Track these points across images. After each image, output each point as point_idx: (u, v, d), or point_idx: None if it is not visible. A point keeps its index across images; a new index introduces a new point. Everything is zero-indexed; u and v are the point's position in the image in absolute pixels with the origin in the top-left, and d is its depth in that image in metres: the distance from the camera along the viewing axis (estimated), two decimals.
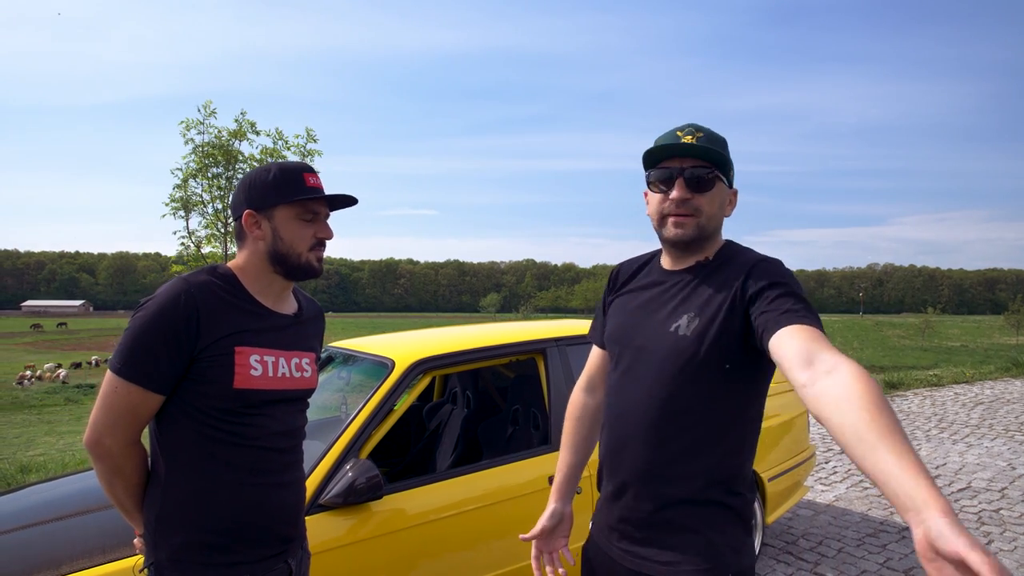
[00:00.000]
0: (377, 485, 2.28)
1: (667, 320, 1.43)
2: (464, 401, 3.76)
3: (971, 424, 6.99)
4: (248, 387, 1.48)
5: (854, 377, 1.01)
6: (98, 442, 1.43)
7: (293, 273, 1.57)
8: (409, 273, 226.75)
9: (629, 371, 1.48)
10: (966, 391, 9.03)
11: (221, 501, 1.48)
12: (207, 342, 1.44)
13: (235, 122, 8.48)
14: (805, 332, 1.17)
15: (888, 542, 3.97)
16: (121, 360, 1.41)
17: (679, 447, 1.38)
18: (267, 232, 1.54)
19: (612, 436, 1.50)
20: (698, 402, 1.37)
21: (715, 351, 1.35)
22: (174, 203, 8.46)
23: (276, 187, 1.52)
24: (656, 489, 1.41)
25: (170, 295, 1.43)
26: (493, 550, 2.59)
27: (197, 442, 1.46)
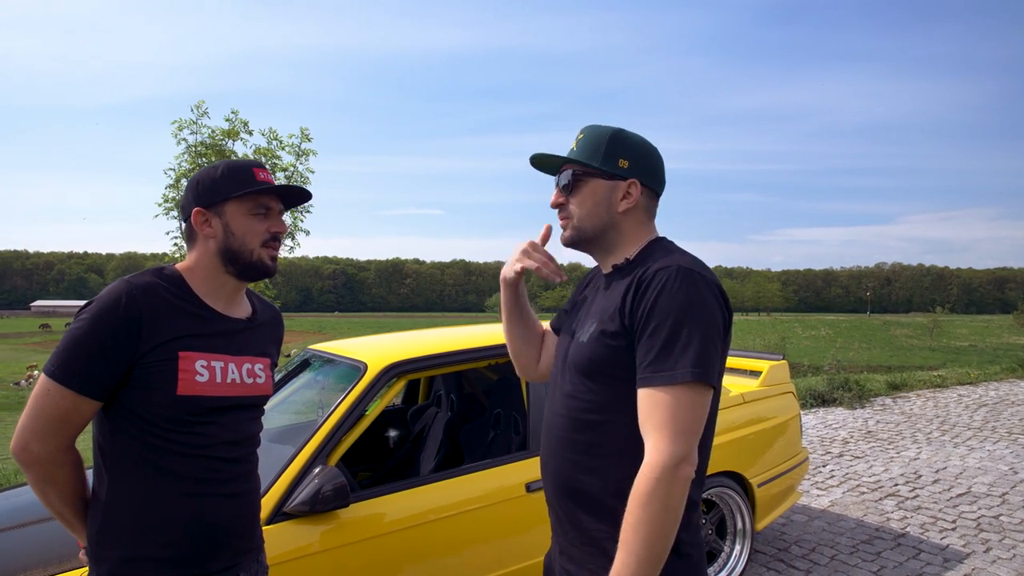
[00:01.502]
0: (343, 492, 2.21)
1: (579, 327, 1.40)
2: (448, 404, 3.70)
3: (973, 427, 6.87)
4: (193, 394, 1.41)
5: (636, 494, 1.15)
6: (24, 448, 1.36)
7: (246, 272, 1.52)
8: (415, 273, 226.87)
9: (552, 381, 1.47)
10: (970, 392, 8.90)
11: (166, 514, 1.41)
12: (149, 346, 1.37)
13: (227, 121, 8.43)
14: (645, 401, 1.19)
15: (883, 549, 3.87)
16: (56, 363, 1.35)
17: (588, 461, 1.32)
18: (218, 229, 1.48)
19: (543, 444, 1.47)
20: (604, 412, 1.30)
21: (610, 360, 1.28)
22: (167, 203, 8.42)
23: (225, 182, 1.48)
24: (567, 499, 1.36)
25: (111, 297, 1.37)
26: (467, 558, 2.52)
27: (140, 451, 1.40)
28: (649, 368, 1.20)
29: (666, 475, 1.14)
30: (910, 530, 4.17)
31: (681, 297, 1.20)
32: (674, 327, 1.19)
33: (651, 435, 1.18)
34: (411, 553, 2.38)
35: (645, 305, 1.22)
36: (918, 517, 4.39)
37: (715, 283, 1.26)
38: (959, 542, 3.96)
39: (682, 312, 1.19)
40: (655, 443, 1.16)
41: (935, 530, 4.16)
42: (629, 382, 1.26)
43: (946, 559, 3.73)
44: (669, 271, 1.23)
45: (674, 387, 1.17)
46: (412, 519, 2.40)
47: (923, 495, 4.82)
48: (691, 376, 1.16)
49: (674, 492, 1.14)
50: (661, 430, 1.16)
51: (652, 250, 1.36)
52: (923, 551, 3.84)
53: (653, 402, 1.18)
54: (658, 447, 1.16)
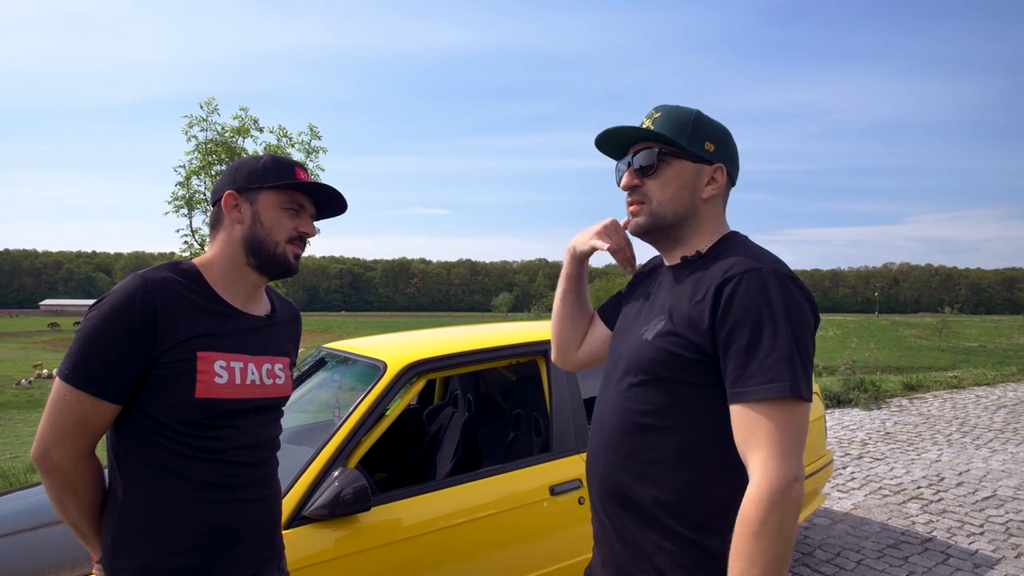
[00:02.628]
0: (365, 496, 2.13)
1: (641, 323, 1.29)
2: (465, 404, 3.62)
3: (994, 428, 6.75)
4: (212, 396, 1.34)
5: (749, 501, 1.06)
6: (45, 456, 1.29)
7: (267, 265, 1.44)
8: (421, 272, 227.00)
9: (606, 378, 1.36)
10: (988, 393, 8.77)
11: (183, 521, 1.34)
12: (166, 346, 1.30)
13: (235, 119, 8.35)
14: (746, 418, 1.09)
15: (910, 554, 3.78)
16: (70, 366, 1.27)
17: (644, 467, 1.22)
18: (246, 215, 1.42)
19: (590, 446, 1.37)
20: (665, 417, 1.20)
21: (677, 360, 1.18)
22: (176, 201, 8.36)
23: (265, 172, 1.43)
24: (620, 510, 1.26)
25: (125, 294, 1.29)
26: (491, 564, 2.44)
27: (156, 456, 1.32)
28: (749, 381, 1.09)
29: (780, 499, 1.03)
30: (937, 534, 4.07)
31: (779, 304, 1.10)
32: (774, 337, 1.09)
33: (756, 454, 1.07)
34: (434, 558, 2.30)
35: (736, 310, 1.11)
36: (944, 521, 4.28)
37: (806, 287, 1.17)
38: (988, 547, 3.86)
39: (782, 321, 1.09)
40: (763, 464, 1.06)
41: (962, 534, 4.06)
42: (694, 387, 1.17)
43: (976, 564, 3.63)
44: (763, 274, 1.12)
45: (778, 402, 1.07)
46: (434, 523, 2.32)
47: (947, 498, 4.71)
48: (799, 391, 1.07)
49: (788, 516, 1.04)
50: (768, 449, 1.06)
51: (728, 244, 1.26)
52: (952, 556, 3.75)
53: (756, 418, 1.08)
54: (767, 468, 1.05)
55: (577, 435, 2.72)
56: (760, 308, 1.10)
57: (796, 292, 1.14)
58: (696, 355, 1.16)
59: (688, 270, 1.26)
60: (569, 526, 2.58)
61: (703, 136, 1.26)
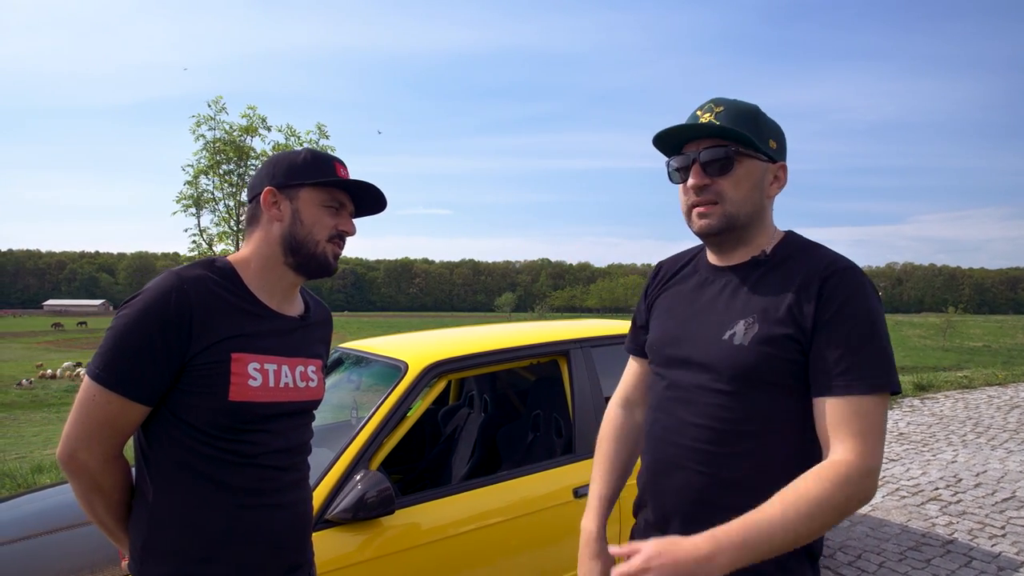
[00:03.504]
0: (389, 499, 2.09)
1: (720, 326, 1.23)
2: (481, 405, 3.58)
3: (1009, 429, 6.68)
4: (245, 400, 1.29)
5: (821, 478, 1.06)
6: (72, 456, 1.25)
7: (306, 265, 1.40)
8: (424, 272, 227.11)
9: (675, 386, 1.28)
10: (1000, 393, 8.69)
11: (215, 527, 1.30)
12: (200, 347, 1.26)
13: (243, 117, 8.34)
14: (839, 408, 1.10)
15: (932, 556, 3.72)
16: (101, 365, 1.23)
17: (735, 475, 1.17)
18: (286, 213, 1.38)
19: (656, 458, 1.30)
20: (758, 423, 1.16)
21: (778, 364, 1.15)
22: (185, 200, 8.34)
23: (306, 168, 1.38)
24: (702, 523, 1.16)
25: (159, 291, 1.24)
26: (514, 569, 2.39)
27: (187, 460, 1.28)
28: (847, 375, 1.10)
29: (854, 478, 1.06)
30: (958, 536, 4.01)
31: (872, 301, 1.15)
32: (871, 333, 1.12)
33: (847, 440, 1.08)
34: (459, 562, 2.26)
35: (833, 305, 1.13)
36: (964, 523, 4.23)
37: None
38: (1011, 549, 3.81)
39: (875, 317, 1.13)
40: (853, 446, 1.08)
41: (984, 536, 4.00)
42: (784, 389, 1.16)
43: (1000, 567, 3.57)
44: (855, 274, 1.16)
45: (875, 396, 1.10)
46: (458, 526, 2.28)
47: (966, 499, 4.66)
48: (893, 386, 1.11)
49: (853, 498, 1.06)
50: (861, 437, 1.08)
51: (795, 244, 1.26)
52: (975, 559, 3.69)
53: (853, 410, 1.09)
54: (856, 450, 1.07)
55: None
56: (862, 305, 1.13)
57: (876, 292, 1.18)
58: (797, 356, 1.15)
59: (761, 270, 1.24)
60: None
61: (767, 133, 1.24)
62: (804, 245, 1.25)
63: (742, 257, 1.26)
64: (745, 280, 1.24)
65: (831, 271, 1.15)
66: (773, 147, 1.24)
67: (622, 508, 2.57)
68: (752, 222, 1.25)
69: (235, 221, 9.07)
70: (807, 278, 1.16)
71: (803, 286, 1.15)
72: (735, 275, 1.26)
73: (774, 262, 1.23)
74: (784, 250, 1.24)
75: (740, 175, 1.21)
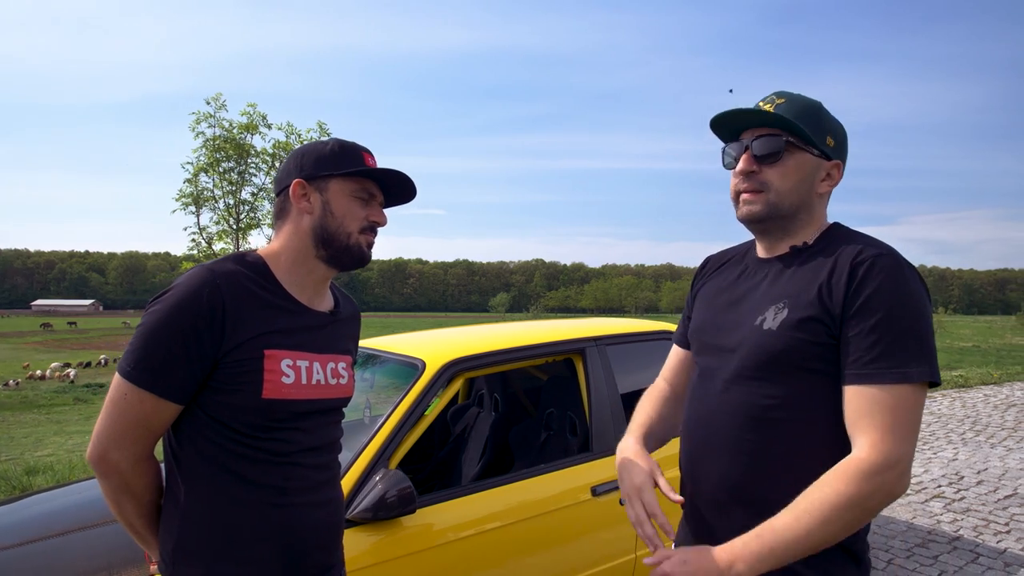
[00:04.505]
0: (410, 498, 2.07)
1: (752, 313, 1.23)
2: (492, 404, 3.56)
3: (1007, 427, 6.73)
4: (278, 397, 1.27)
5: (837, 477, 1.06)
6: (103, 457, 1.23)
7: (338, 258, 1.38)
8: (418, 273, 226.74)
9: (710, 371, 1.30)
10: (995, 392, 8.77)
11: (249, 527, 1.27)
12: (233, 344, 1.23)
13: (243, 115, 8.28)
14: (865, 398, 1.08)
15: (939, 553, 3.74)
16: (132, 362, 1.20)
17: (768, 461, 1.17)
18: (316, 205, 1.35)
19: (692, 444, 1.31)
20: (789, 409, 1.16)
21: (808, 348, 1.14)
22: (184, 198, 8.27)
23: (334, 158, 1.36)
24: (736, 506, 1.21)
25: (192, 286, 1.22)
26: (534, 567, 2.38)
27: (220, 459, 1.26)
28: (875, 364, 1.07)
29: (881, 472, 1.04)
30: (963, 533, 4.03)
31: (907, 289, 1.11)
32: (905, 320, 1.09)
33: (871, 433, 1.06)
34: (480, 562, 2.25)
35: (865, 292, 1.10)
36: (969, 519, 4.25)
37: (922, 276, 1.17)
38: (1016, 546, 3.83)
39: (911, 305, 1.10)
40: (876, 442, 1.06)
41: (989, 533, 4.03)
42: (817, 375, 1.14)
43: (1007, 563, 3.60)
44: (890, 259, 1.12)
45: (905, 386, 1.07)
46: (477, 523, 2.27)
47: (969, 496, 4.69)
48: (927, 376, 1.07)
49: (879, 495, 1.05)
50: (885, 431, 1.06)
51: (836, 234, 1.24)
52: (981, 555, 3.71)
53: (877, 401, 1.06)
54: (880, 444, 1.05)
55: (616, 434, 2.67)
56: (894, 292, 1.10)
57: (919, 279, 1.15)
58: (826, 339, 1.14)
59: (800, 259, 1.23)
60: (611, 527, 2.53)
61: (826, 129, 1.23)
62: (847, 234, 1.24)
63: (786, 249, 1.27)
64: (784, 269, 1.25)
65: (864, 257, 1.13)
66: (831, 144, 1.24)
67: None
68: (797, 214, 1.24)
69: (234, 220, 9.03)
70: (840, 264, 1.15)
71: (834, 271, 1.14)
72: (775, 265, 1.27)
73: (814, 251, 1.22)
74: (825, 239, 1.24)
75: (790, 167, 1.21)
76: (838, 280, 1.13)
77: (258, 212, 9.57)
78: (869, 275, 1.11)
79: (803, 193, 1.23)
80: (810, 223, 1.26)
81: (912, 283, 1.12)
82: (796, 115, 1.20)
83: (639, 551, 2.58)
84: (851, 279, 1.12)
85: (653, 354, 2.95)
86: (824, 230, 1.27)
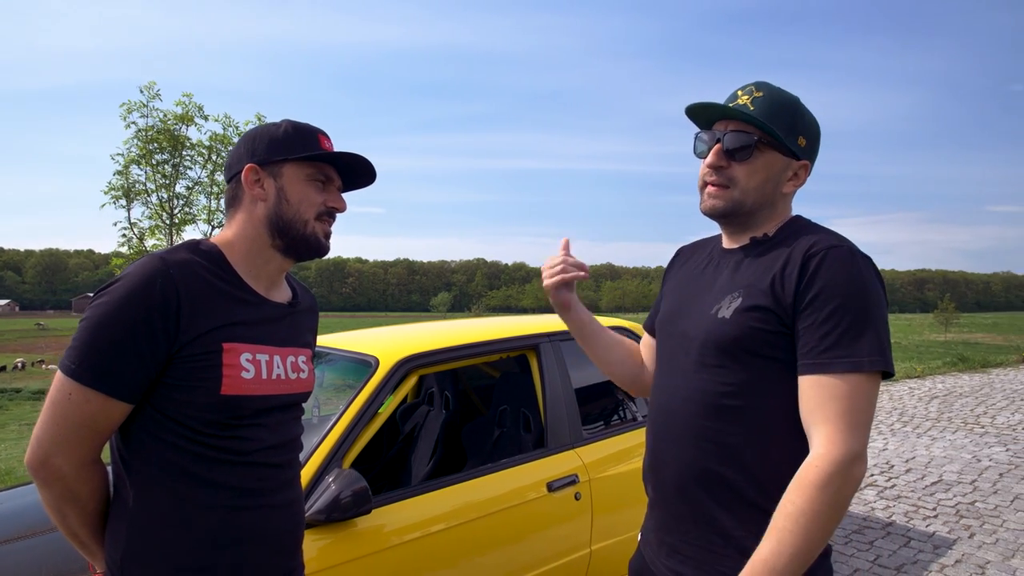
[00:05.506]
0: (365, 498, 2.01)
1: (711, 302, 1.25)
2: (442, 402, 3.51)
3: (931, 417, 7.10)
4: (239, 393, 1.20)
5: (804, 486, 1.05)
6: (45, 463, 1.13)
7: (295, 247, 1.31)
8: (357, 272, 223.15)
9: (671, 360, 1.32)
10: (919, 385, 9.25)
11: (208, 531, 1.20)
12: (189, 337, 1.15)
13: (178, 105, 7.91)
14: (818, 389, 1.09)
15: (874, 539, 3.90)
16: (77, 359, 1.12)
17: (727, 446, 1.19)
18: (270, 192, 1.28)
19: (656, 432, 1.33)
20: (746, 395, 1.18)
21: (759, 336, 1.16)
22: (114, 191, 7.84)
23: (288, 141, 1.29)
24: (698, 492, 1.22)
25: (143, 276, 1.13)
26: (492, 564, 2.35)
27: (175, 460, 1.18)
28: (827, 353, 1.08)
29: (841, 471, 1.04)
30: (896, 519, 4.23)
31: (860, 280, 1.11)
32: (857, 311, 1.09)
33: (823, 426, 1.07)
34: (437, 560, 2.20)
35: (817, 284, 1.11)
36: (900, 506, 4.46)
37: (877, 268, 1.18)
38: (943, 529, 4.04)
39: (864, 296, 1.11)
40: (830, 435, 1.06)
41: (919, 518, 4.23)
42: (775, 362, 1.15)
43: (936, 546, 3.78)
44: (844, 251, 1.13)
45: (856, 375, 1.07)
46: (433, 522, 2.22)
47: (900, 484, 4.91)
48: (877, 365, 1.07)
49: (845, 491, 1.05)
50: (837, 422, 1.06)
51: (795, 227, 1.26)
52: (912, 539, 3.89)
53: (828, 391, 1.07)
54: (833, 440, 1.06)
55: (571, 429, 2.67)
56: (847, 283, 1.11)
57: (874, 271, 1.16)
58: (778, 327, 1.15)
59: (758, 250, 1.25)
60: (566, 522, 2.53)
61: (799, 129, 1.24)
62: (806, 226, 1.25)
63: (747, 240, 1.29)
64: (743, 259, 1.27)
65: (818, 249, 1.14)
66: (802, 144, 1.25)
67: (594, 503, 2.57)
68: (757, 211, 1.26)
69: (168, 214, 8.58)
70: (794, 256, 1.16)
71: (788, 263, 1.16)
72: (737, 255, 1.29)
73: (773, 243, 1.24)
74: (785, 231, 1.26)
75: (758, 164, 1.22)
76: (791, 271, 1.15)
77: (194, 207, 9.23)
78: (822, 266, 1.12)
79: (768, 192, 1.25)
80: (772, 218, 1.28)
81: (865, 274, 1.13)
82: (772, 111, 1.21)
83: (594, 545, 2.58)
84: (803, 270, 1.13)
85: None
86: (785, 222, 1.29)
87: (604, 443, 2.75)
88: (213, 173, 9.60)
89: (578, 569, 2.55)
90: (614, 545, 2.62)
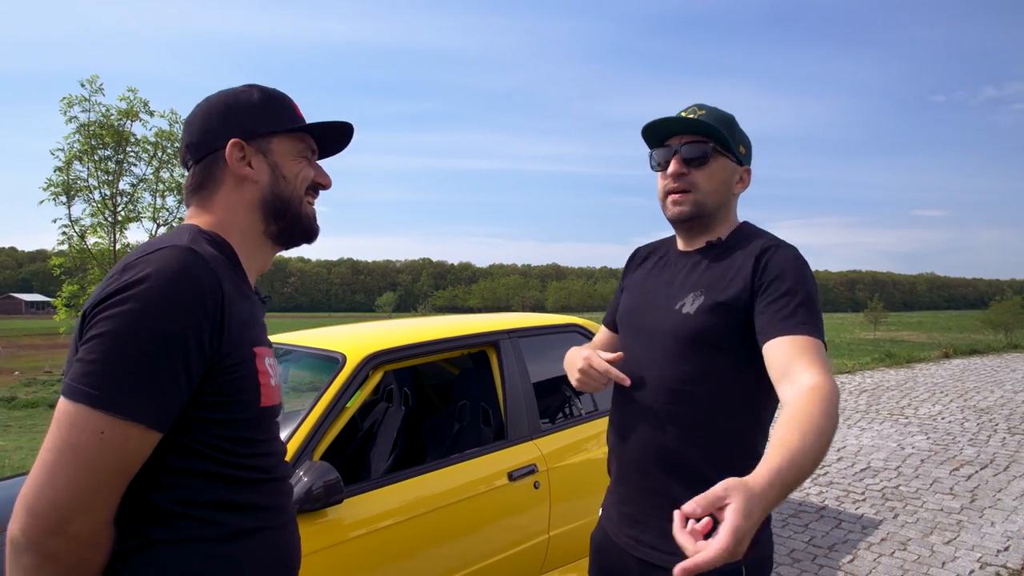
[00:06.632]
0: (336, 488, 2.08)
1: (673, 299, 1.40)
2: (401, 399, 3.59)
3: (860, 410, 7.54)
4: (272, 403, 1.08)
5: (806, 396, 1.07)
6: (58, 531, 0.87)
7: (288, 231, 1.17)
8: (300, 272, 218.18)
9: (634, 353, 1.45)
10: (850, 380, 9.76)
11: (251, 559, 1.05)
12: (229, 345, 0.99)
13: (122, 100, 7.66)
14: (793, 344, 1.18)
15: (809, 521, 4.17)
16: (108, 384, 0.88)
17: (683, 430, 1.34)
18: (261, 171, 1.12)
19: (620, 415, 1.46)
20: (703, 384, 1.33)
21: (720, 331, 1.32)
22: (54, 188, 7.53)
23: (270, 111, 1.13)
24: (660, 472, 1.37)
25: (185, 274, 0.94)
26: (457, 551, 2.46)
27: (209, 489, 1.00)
28: (790, 320, 1.21)
29: (835, 398, 1.08)
30: (828, 503, 4.52)
31: (804, 272, 1.29)
32: (802, 294, 1.25)
33: (810, 368, 1.12)
34: (405, 548, 2.29)
35: (771, 272, 1.29)
36: (832, 491, 4.76)
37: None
38: (871, 511, 4.34)
39: (808, 286, 1.28)
40: (820, 372, 1.11)
41: (849, 501, 4.53)
42: (728, 354, 1.30)
43: (864, 526, 4.07)
44: (789, 248, 1.33)
45: (817, 340, 1.19)
46: (401, 512, 2.31)
47: (832, 471, 5.23)
48: (823, 339, 1.22)
49: (837, 418, 1.08)
50: (820, 365, 1.13)
51: (746, 231, 1.43)
52: (843, 520, 4.18)
53: (801, 345, 1.17)
54: (823, 373, 1.12)
55: (530, 422, 2.79)
56: (795, 273, 1.28)
57: (810, 269, 1.34)
58: (737, 321, 1.30)
59: (715, 252, 1.41)
60: (526, 509, 2.65)
61: (739, 139, 1.43)
62: (754, 232, 1.43)
63: (703, 243, 1.44)
64: (700, 261, 1.42)
65: (769, 246, 1.33)
66: (743, 152, 1.44)
67: (552, 491, 2.70)
68: (717, 213, 1.43)
69: (111, 212, 8.27)
70: (749, 255, 1.34)
71: (744, 262, 1.33)
72: (693, 257, 1.44)
73: (727, 246, 1.41)
74: (736, 236, 1.43)
75: (714, 169, 1.39)
76: (747, 269, 1.32)
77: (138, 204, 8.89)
78: (772, 259, 1.31)
79: (723, 194, 1.42)
80: (725, 220, 1.45)
81: (807, 270, 1.32)
82: (718, 124, 1.39)
83: (552, 531, 2.71)
84: (757, 263, 1.31)
85: (563, 346, 3.08)
86: (735, 227, 1.46)
87: (560, 434, 2.88)
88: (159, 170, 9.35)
89: (537, 553, 2.67)
90: (571, 531, 2.76)
